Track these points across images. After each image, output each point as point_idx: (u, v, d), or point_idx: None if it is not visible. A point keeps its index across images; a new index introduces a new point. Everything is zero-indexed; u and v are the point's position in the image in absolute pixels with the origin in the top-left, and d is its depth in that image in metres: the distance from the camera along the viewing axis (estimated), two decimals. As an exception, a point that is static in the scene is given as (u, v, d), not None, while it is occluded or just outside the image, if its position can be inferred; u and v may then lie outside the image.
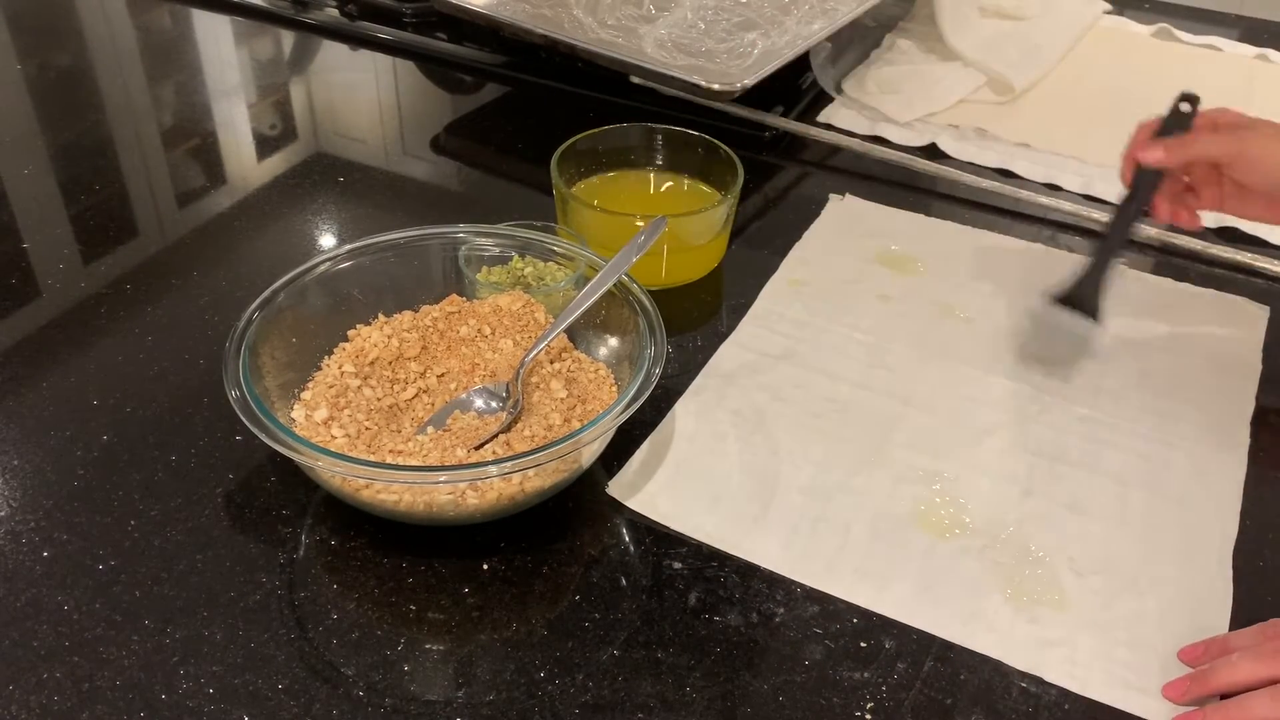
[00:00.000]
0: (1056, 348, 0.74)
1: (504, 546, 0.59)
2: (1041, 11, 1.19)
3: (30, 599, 0.55)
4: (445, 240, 0.70)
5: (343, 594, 0.56)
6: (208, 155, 0.97)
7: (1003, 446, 0.67)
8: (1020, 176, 0.95)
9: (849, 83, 1.07)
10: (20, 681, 0.51)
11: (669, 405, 0.68)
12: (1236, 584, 0.58)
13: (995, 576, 0.58)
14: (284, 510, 0.61)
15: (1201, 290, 0.81)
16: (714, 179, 0.84)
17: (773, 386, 0.70)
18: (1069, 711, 0.52)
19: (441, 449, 0.60)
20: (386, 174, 0.96)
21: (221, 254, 0.82)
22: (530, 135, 1.01)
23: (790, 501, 0.62)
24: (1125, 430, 0.68)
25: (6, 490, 0.61)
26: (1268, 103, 1.07)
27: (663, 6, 1.05)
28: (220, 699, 0.51)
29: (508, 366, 0.65)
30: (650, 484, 0.63)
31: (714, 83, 0.90)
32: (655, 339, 0.61)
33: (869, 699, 0.52)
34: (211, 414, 0.66)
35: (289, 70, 1.15)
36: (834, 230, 0.87)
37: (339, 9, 1.18)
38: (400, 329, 0.66)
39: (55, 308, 0.76)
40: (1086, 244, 0.85)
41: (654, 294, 0.65)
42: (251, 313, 0.62)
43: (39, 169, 0.94)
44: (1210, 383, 0.72)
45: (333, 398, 0.62)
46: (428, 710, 0.51)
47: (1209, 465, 0.66)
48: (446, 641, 0.54)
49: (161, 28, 1.21)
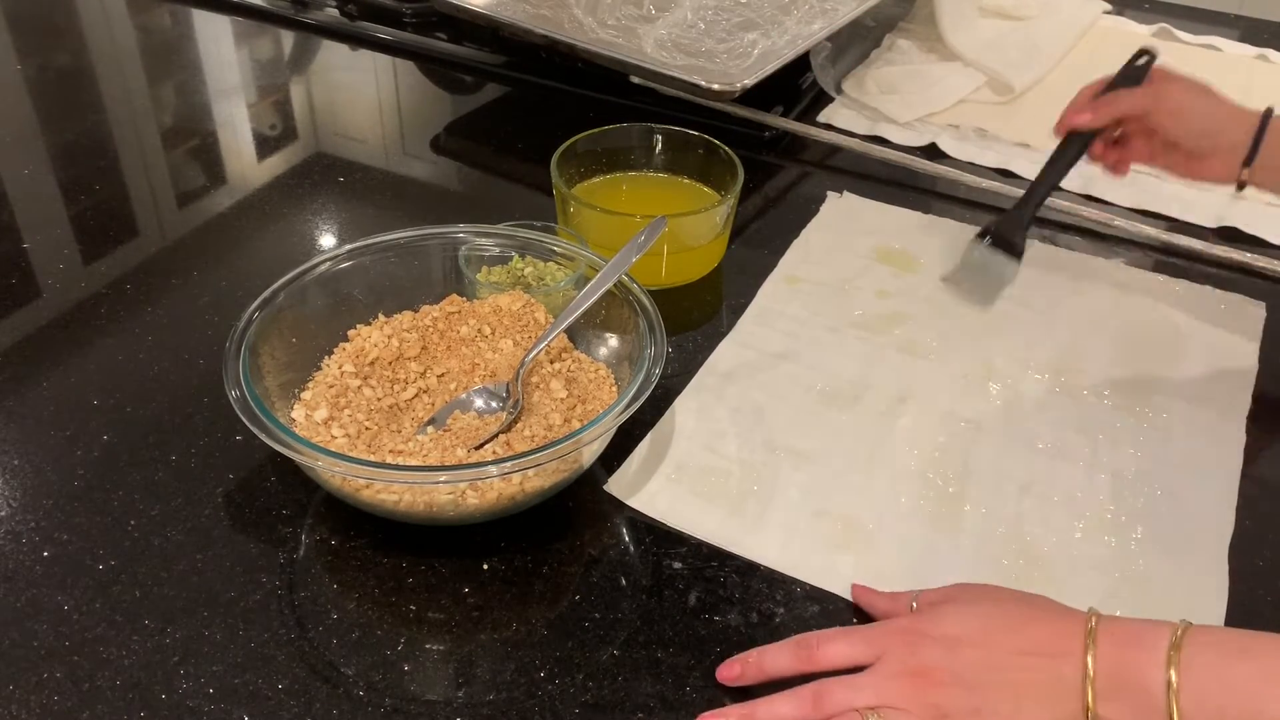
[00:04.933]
0: (979, 282, 0.80)
1: (504, 546, 0.59)
2: (1041, 11, 1.19)
3: (30, 599, 0.55)
4: (445, 240, 0.70)
5: (343, 594, 0.56)
6: (208, 155, 0.97)
7: (1001, 443, 0.67)
8: (1020, 176, 0.95)
9: (849, 83, 1.07)
10: (20, 681, 0.51)
11: (669, 404, 0.68)
12: (1233, 581, 0.58)
13: (993, 573, 0.58)
14: (284, 510, 0.61)
15: (1200, 288, 0.81)
16: (714, 179, 0.84)
17: (772, 384, 0.71)
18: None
19: (441, 449, 0.60)
20: (386, 174, 0.96)
21: (221, 254, 0.82)
22: (530, 135, 1.01)
23: (789, 500, 0.62)
24: (1122, 427, 0.68)
25: (6, 490, 0.61)
26: (1267, 103, 1.07)
27: (663, 6, 1.05)
28: (220, 699, 0.51)
29: (508, 366, 0.65)
30: (650, 483, 0.63)
31: (714, 83, 0.90)
32: (655, 339, 0.62)
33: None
34: (211, 414, 0.66)
35: (289, 70, 1.15)
36: (832, 228, 0.87)
37: (339, 9, 1.18)
38: (400, 329, 0.66)
39: (55, 308, 0.76)
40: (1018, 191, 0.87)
41: (654, 294, 0.65)
42: (251, 313, 0.62)
43: (39, 169, 0.94)
44: (1207, 381, 0.72)
45: (333, 398, 0.62)
46: (428, 710, 0.51)
47: (1205, 462, 0.66)
48: (446, 641, 0.54)
49: (161, 28, 1.21)
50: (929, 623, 0.50)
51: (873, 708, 0.48)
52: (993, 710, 0.47)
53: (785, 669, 0.51)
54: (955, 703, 0.47)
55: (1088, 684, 0.46)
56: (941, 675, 0.48)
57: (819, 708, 0.48)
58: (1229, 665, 0.44)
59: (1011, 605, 0.50)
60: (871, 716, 0.47)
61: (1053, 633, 0.48)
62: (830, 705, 0.48)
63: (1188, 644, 0.45)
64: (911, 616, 0.52)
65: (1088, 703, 0.46)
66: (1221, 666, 0.44)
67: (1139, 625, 0.47)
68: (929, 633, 0.49)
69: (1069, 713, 0.46)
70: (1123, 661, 0.46)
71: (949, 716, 0.47)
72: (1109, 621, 0.47)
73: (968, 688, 0.47)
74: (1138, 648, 0.46)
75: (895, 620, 0.52)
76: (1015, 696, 0.47)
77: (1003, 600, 0.51)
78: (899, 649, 0.49)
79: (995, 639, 0.48)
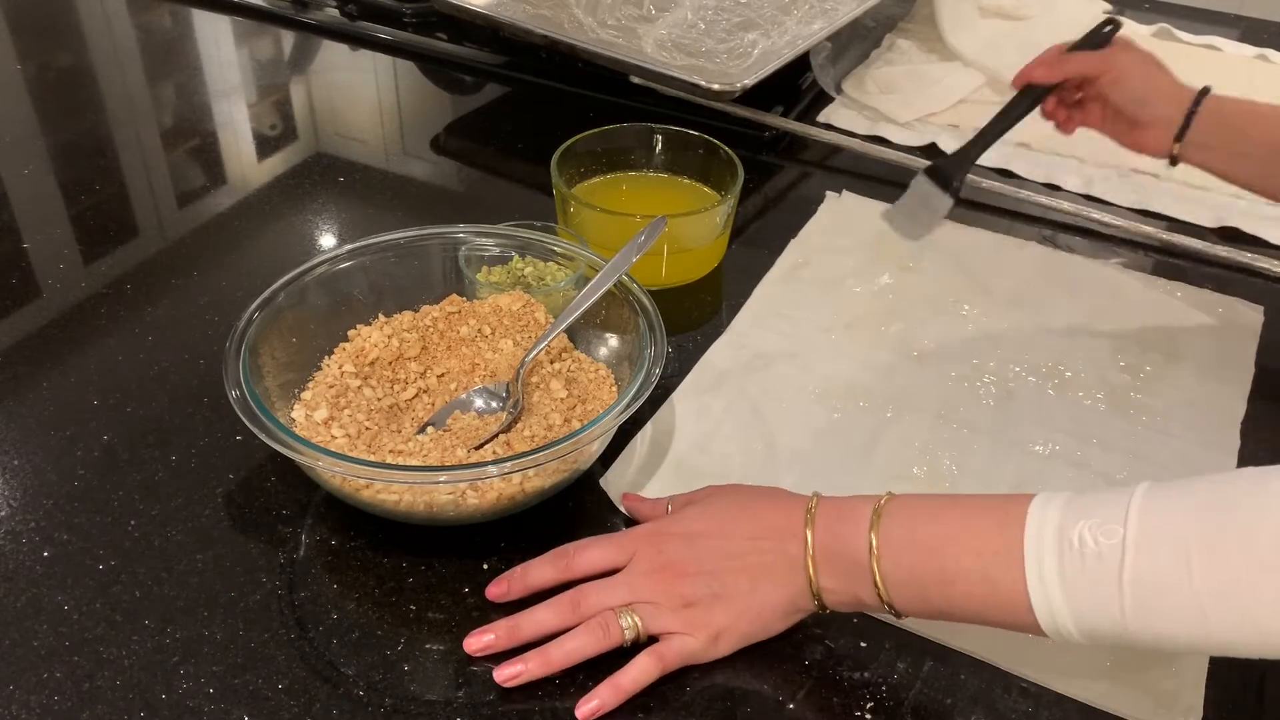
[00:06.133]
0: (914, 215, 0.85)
1: (504, 546, 0.59)
2: (1041, 11, 1.19)
3: (30, 599, 0.55)
4: (445, 240, 0.70)
5: (343, 594, 0.56)
6: (208, 155, 0.97)
7: (994, 444, 0.67)
8: (1020, 176, 0.95)
9: (849, 83, 1.07)
10: (20, 681, 0.51)
11: (668, 404, 0.68)
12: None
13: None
14: (284, 510, 0.61)
15: (1198, 291, 0.81)
16: (714, 179, 0.84)
17: (767, 384, 0.71)
18: (1067, 711, 0.52)
19: (441, 449, 0.60)
20: (386, 174, 0.96)
21: (221, 254, 0.82)
22: (530, 135, 1.01)
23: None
24: (1117, 429, 0.68)
25: (6, 490, 0.61)
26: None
27: (663, 6, 1.05)
28: (220, 699, 0.51)
29: (508, 366, 0.65)
30: (650, 483, 0.63)
31: (714, 83, 0.90)
32: (655, 339, 0.62)
33: (869, 699, 0.52)
34: (211, 414, 0.66)
35: (289, 70, 1.15)
36: (831, 228, 0.87)
37: (339, 9, 1.18)
38: (400, 329, 0.66)
39: (55, 308, 0.76)
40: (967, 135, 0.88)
41: (654, 294, 0.65)
42: (251, 313, 0.62)
43: (39, 169, 0.94)
44: (1203, 384, 0.72)
45: (333, 398, 0.62)
46: (428, 710, 0.51)
47: (1198, 467, 0.66)
48: (446, 641, 0.54)
49: (161, 28, 1.21)
50: (673, 522, 0.55)
51: (627, 604, 0.52)
52: (733, 592, 0.52)
53: (548, 580, 0.55)
54: (699, 590, 0.52)
55: (808, 559, 0.51)
56: (685, 567, 0.52)
57: (577, 611, 0.53)
58: (918, 527, 0.49)
59: (745, 498, 0.56)
60: (625, 613, 0.52)
61: (780, 516, 0.53)
62: (587, 607, 0.53)
63: (886, 513, 0.50)
64: (660, 519, 0.56)
65: (809, 575, 0.51)
66: (912, 529, 0.49)
67: (849, 500, 0.52)
68: (673, 530, 0.54)
69: (798, 586, 0.51)
70: (835, 534, 0.51)
71: (695, 603, 0.52)
72: (826, 501, 0.52)
73: (709, 575, 0.52)
74: (847, 520, 0.51)
75: (645, 525, 0.57)
76: (751, 578, 0.52)
77: (739, 494, 0.56)
78: (647, 549, 0.54)
79: (731, 529, 0.53)
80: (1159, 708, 0.52)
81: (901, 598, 0.49)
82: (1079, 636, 0.45)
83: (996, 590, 0.46)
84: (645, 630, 0.52)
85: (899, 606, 0.49)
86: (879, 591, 0.49)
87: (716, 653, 0.52)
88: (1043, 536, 0.45)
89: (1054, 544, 0.45)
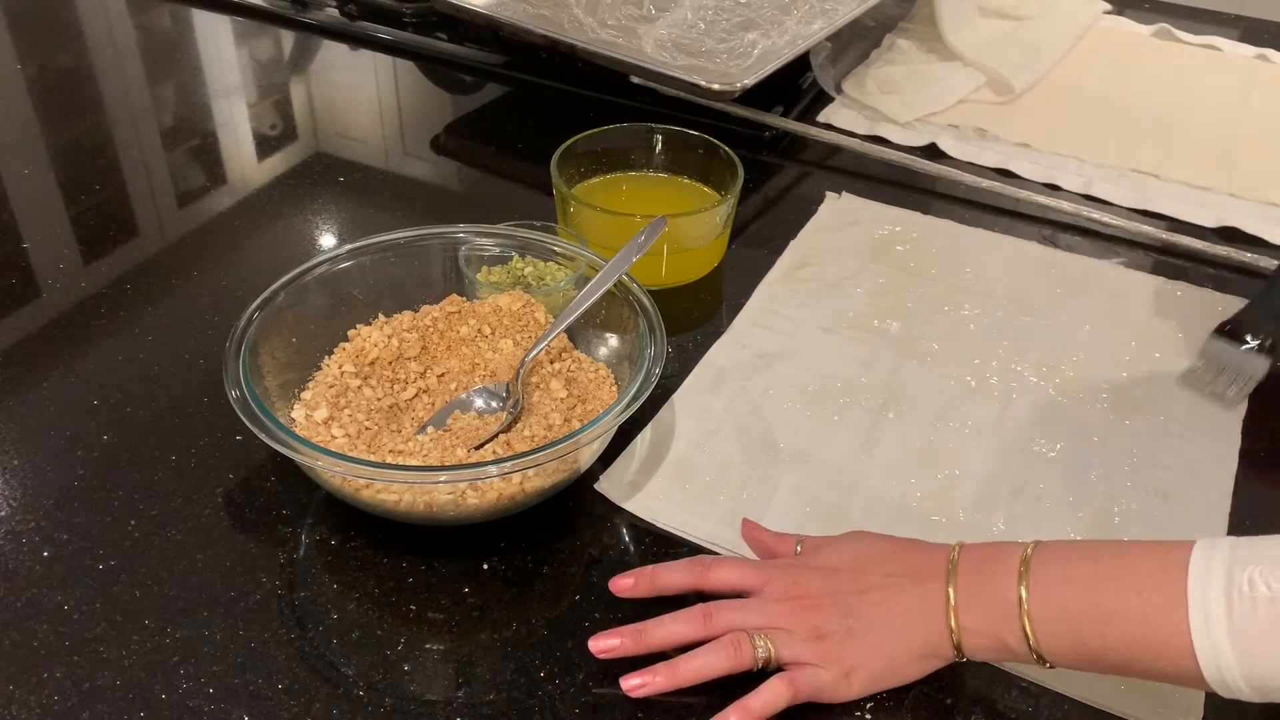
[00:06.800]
0: (1223, 380, 0.71)
1: (504, 546, 0.59)
2: (1041, 11, 1.19)
3: (30, 599, 0.55)
4: (445, 240, 0.70)
5: (343, 594, 0.56)
6: (208, 155, 0.97)
7: (994, 444, 0.67)
8: (1020, 176, 0.95)
9: (849, 83, 1.07)
10: (20, 681, 0.51)
11: (667, 404, 0.68)
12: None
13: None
14: (284, 510, 0.61)
15: (1198, 290, 0.81)
16: (714, 179, 0.84)
17: (768, 383, 0.71)
18: (1068, 711, 0.52)
19: (441, 449, 0.60)
20: (386, 174, 0.96)
21: (221, 254, 0.82)
22: (530, 135, 1.01)
23: (786, 500, 0.62)
24: (1117, 430, 0.68)
25: (6, 490, 0.61)
26: (1267, 103, 1.07)
27: (663, 6, 1.05)
28: (220, 699, 0.51)
29: (508, 366, 0.65)
30: (650, 483, 0.63)
31: (714, 83, 0.90)
32: (655, 339, 0.62)
33: (869, 698, 0.52)
34: (211, 414, 0.66)
35: (289, 70, 1.15)
36: (830, 228, 0.87)
37: (339, 9, 1.18)
38: (400, 329, 0.66)
39: (55, 308, 0.76)
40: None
41: (654, 294, 0.65)
42: (251, 313, 0.62)
43: (39, 169, 0.94)
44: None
45: (333, 398, 0.62)
46: (428, 710, 0.51)
47: (1199, 467, 0.66)
48: (446, 641, 0.54)
49: (161, 28, 1.21)
50: (809, 558, 0.54)
51: (759, 628, 0.51)
52: (867, 629, 0.50)
53: (676, 584, 0.55)
54: (833, 623, 0.51)
55: (949, 599, 0.49)
56: (820, 599, 0.52)
57: (709, 627, 0.52)
58: (1072, 565, 0.47)
59: (885, 539, 0.55)
60: (758, 636, 0.51)
61: (921, 557, 0.52)
62: (720, 624, 0.52)
63: (1037, 553, 0.48)
64: (800, 556, 0.55)
65: (950, 615, 0.49)
66: (1066, 567, 0.47)
67: (995, 543, 0.51)
68: (809, 565, 0.54)
69: (937, 627, 0.50)
70: (981, 571, 0.49)
71: (828, 636, 0.51)
72: (969, 548, 0.51)
73: (844, 609, 0.51)
74: (993, 559, 0.49)
75: (780, 559, 0.56)
76: (887, 613, 0.50)
77: (875, 539, 0.55)
78: (782, 578, 0.53)
79: (869, 566, 0.52)
80: (1159, 708, 0.52)
81: (1050, 637, 0.47)
82: (1248, 690, 0.42)
83: (1158, 634, 0.44)
84: (777, 657, 0.50)
85: (1046, 650, 0.47)
86: (1026, 633, 0.47)
87: (849, 691, 0.50)
88: (1209, 580, 0.43)
89: (1222, 589, 0.42)
